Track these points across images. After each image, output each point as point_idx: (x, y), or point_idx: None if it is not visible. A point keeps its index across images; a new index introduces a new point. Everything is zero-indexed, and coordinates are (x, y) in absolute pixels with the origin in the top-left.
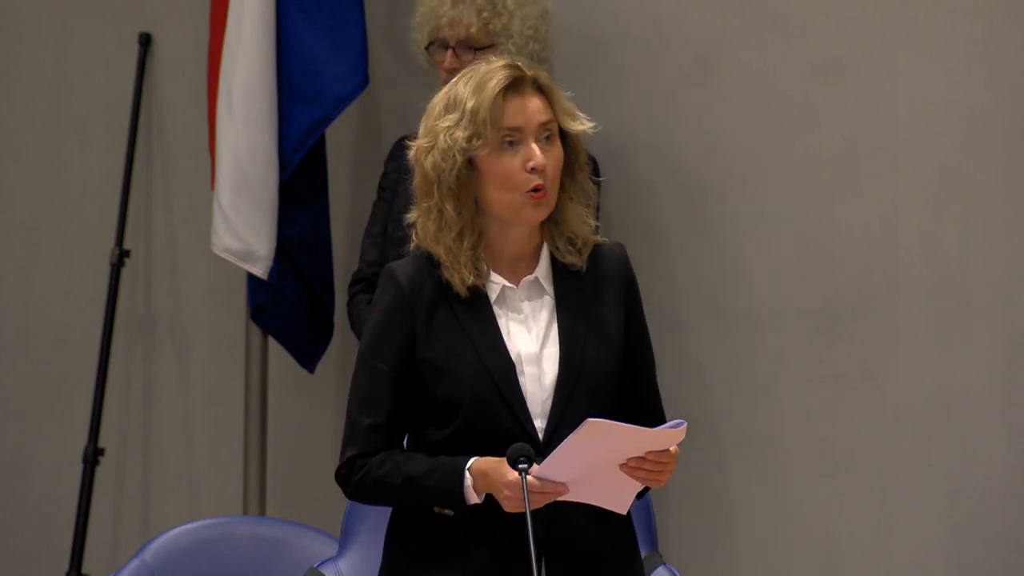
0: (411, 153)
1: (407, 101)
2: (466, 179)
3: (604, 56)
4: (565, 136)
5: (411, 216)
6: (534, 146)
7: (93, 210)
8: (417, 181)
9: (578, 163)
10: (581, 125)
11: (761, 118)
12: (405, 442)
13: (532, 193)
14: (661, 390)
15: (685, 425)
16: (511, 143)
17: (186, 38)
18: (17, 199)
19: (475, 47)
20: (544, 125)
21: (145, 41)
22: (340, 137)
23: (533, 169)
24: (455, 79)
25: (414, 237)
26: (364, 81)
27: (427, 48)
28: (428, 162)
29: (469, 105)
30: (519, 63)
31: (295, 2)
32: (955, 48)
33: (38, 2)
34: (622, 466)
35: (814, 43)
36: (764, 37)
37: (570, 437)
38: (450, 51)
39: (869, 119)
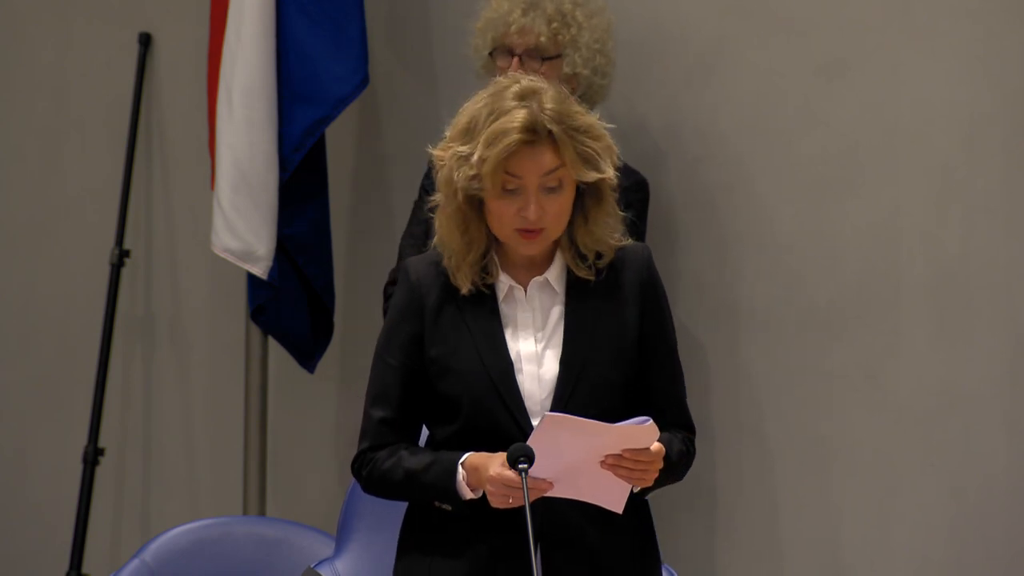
0: (432, 153)
1: (407, 101)
2: (468, 207)
3: None
4: None
5: (434, 199)
6: (532, 201)
7: (93, 210)
8: (436, 180)
9: (602, 192)
10: (597, 174)
11: (763, 118)
12: (425, 438)
13: (523, 233)
14: None
15: (651, 422)
16: (512, 190)
17: (186, 38)
18: (17, 199)
19: (543, 56)
20: (550, 175)
21: (145, 41)
22: (340, 137)
23: (525, 218)
24: (486, 98)
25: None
26: (364, 81)
27: (490, 54)
28: (439, 176)
29: (478, 153)
30: (543, 113)
31: (295, 2)
32: (956, 48)
33: (38, 2)
34: (602, 464)
35: (816, 43)
36: (766, 37)
37: (533, 433)
38: (516, 59)
39: (871, 119)
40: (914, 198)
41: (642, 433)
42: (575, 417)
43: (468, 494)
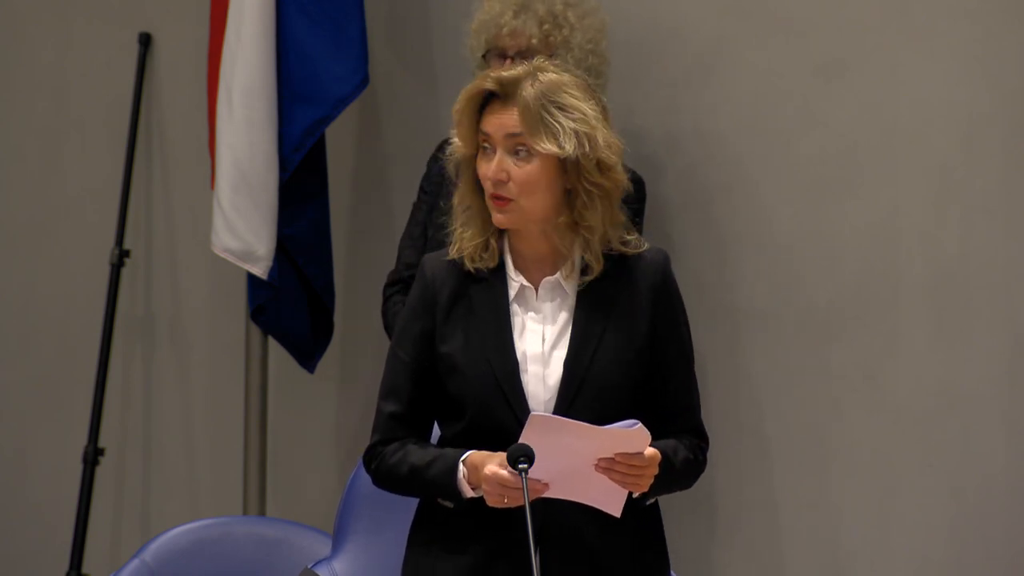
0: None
1: (407, 101)
2: (468, 177)
3: None
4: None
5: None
6: (496, 157)
7: (93, 210)
8: None
9: (605, 176)
10: (549, 146)
11: (762, 118)
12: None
13: (493, 199)
14: None
15: (640, 425)
16: (487, 148)
17: (186, 38)
18: (17, 199)
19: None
20: (513, 137)
21: (145, 41)
22: (340, 137)
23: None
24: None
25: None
26: (364, 81)
27: (483, 56)
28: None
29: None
30: (527, 77)
31: (295, 2)
32: (955, 48)
33: (38, 2)
34: (595, 467)
35: (815, 43)
36: (764, 38)
37: (521, 434)
38: (508, 61)
39: (870, 119)
40: (913, 198)
41: (633, 437)
42: (561, 418)
43: (468, 492)
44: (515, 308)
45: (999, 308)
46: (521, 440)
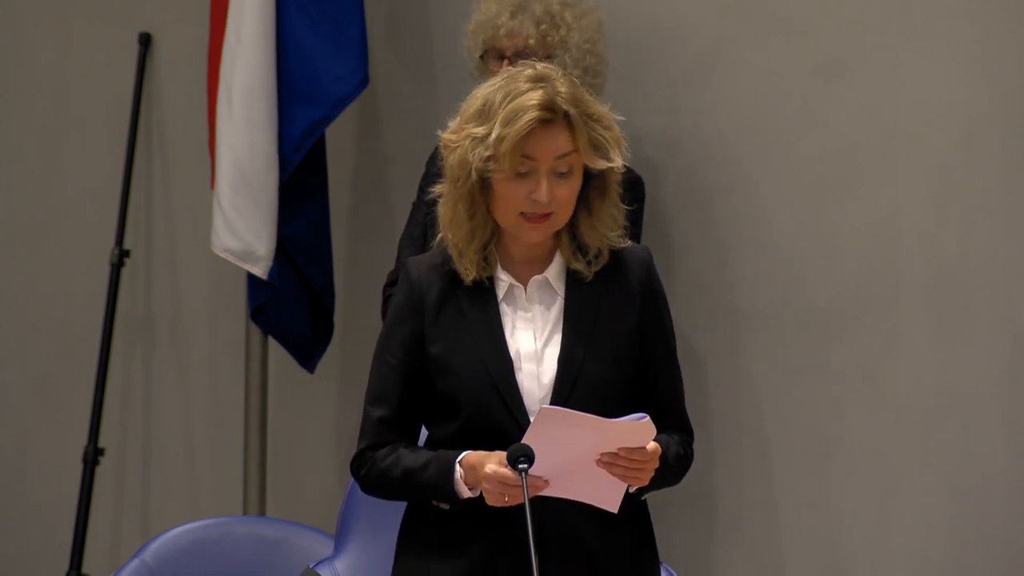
0: (441, 139)
1: (407, 101)
2: (478, 190)
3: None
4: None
5: (437, 190)
6: (543, 182)
7: (93, 210)
8: (445, 166)
9: (607, 184)
10: (606, 162)
11: (762, 118)
12: (425, 438)
13: (530, 218)
14: None
15: (647, 419)
16: (524, 173)
17: (186, 38)
18: (17, 199)
19: (532, 59)
20: (562, 158)
21: (145, 41)
22: (340, 137)
23: (536, 201)
24: (500, 81)
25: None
26: (364, 81)
27: (481, 57)
28: (450, 159)
29: (495, 132)
30: (558, 95)
31: (295, 2)
32: (955, 48)
33: (38, 2)
34: (597, 462)
35: (815, 43)
36: (765, 38)
37: (530, 427)
38: (506, 61)
39: (870, 119)
40: (913, 198)
41: (639, 430)
42: (571, 411)
43: (466, 493)
44: (504, 308)
45: (999, 308)
46: (530, 432)
